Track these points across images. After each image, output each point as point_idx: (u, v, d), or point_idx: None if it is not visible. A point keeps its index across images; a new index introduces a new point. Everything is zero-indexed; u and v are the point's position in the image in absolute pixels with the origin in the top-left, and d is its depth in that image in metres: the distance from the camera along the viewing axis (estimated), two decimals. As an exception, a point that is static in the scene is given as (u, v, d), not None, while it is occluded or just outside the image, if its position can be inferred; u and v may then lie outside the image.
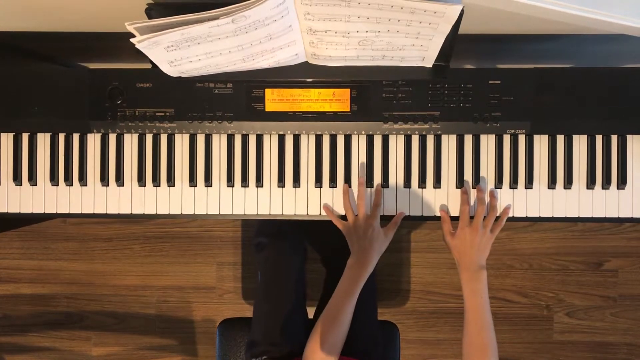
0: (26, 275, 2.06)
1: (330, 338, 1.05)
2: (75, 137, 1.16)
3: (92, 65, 1.45)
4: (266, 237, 1.35)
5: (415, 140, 1.15)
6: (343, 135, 1.15)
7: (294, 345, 1.23)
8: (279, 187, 1.15)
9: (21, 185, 1.17)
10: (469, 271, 1.06)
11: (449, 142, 1.15)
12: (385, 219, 1.15)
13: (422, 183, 1.14)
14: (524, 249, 2.00)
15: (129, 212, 1.16)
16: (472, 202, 1.14)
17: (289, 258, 1.33)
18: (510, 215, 1.14)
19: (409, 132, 1.14)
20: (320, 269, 1.50)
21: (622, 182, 1.14)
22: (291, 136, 1.15)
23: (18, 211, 1.17)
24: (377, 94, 1.11)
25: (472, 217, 1.11)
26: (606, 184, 1.14)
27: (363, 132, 1.14)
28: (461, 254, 1.08)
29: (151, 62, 1.01)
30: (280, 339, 1.23)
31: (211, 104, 1.12)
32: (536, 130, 1.13)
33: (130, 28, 0.89)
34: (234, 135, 1.15)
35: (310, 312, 1.36)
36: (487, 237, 1.09)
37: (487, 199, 1.12)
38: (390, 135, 1.15)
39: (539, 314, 2.02)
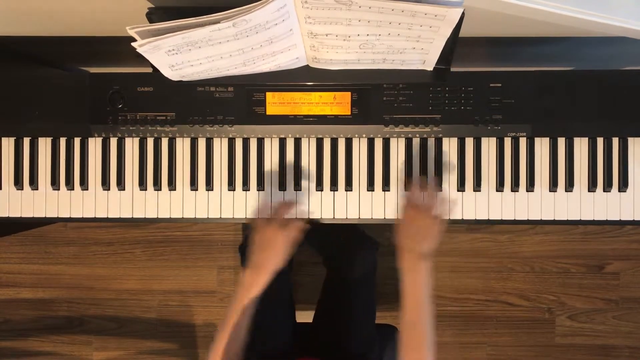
0: (27, 279, 2.06)
1: (226, 346, 1.00)
2: (77, 141, 1.16)
3: (93, 70, 1.45)
4: (246, 241, 1.36)
5: (416, 143, 1.15)
6: (344, 139, 1.15)
7: (280, 349, 1.24)
8: (280, 190, 1.15)
9: (22, 189, 1.17)
10: (409, 260, 0.97)
11: (450, 145, 1.15)
12: (382, 223, 1.15)
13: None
14: (525, 251, 2.00)
15: (130, 216, 1.16)
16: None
17: None
18: (512, 218, 1.14)
19: (410, 135, 1.14)
20: (321, 272, 1.49)
21: (623, 185, 1.14)
22: (292, 140, 1.15)
23: (19, 215, 1.17)
24: (378, 97, 1.11)
25: None
26: (607, 187, 1.14)
27: (364, 136, 1.14)
28: (404, 237, 0.99)
29: (152, 66, 1.01)
30: (263, 344, 1.24)
31: (212, 107, 1.12)
32: (537, 133, 1.13)
33: (131, 32, 0.89)
34: (235, 139, 1.15)
35: (310, 316, 1.36)
36: (432, 221, 1.00)
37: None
38: (391, 139, 1.15)
39: (540, 317, 2.01)
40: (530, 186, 1.14)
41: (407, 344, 0.94)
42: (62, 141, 1.17)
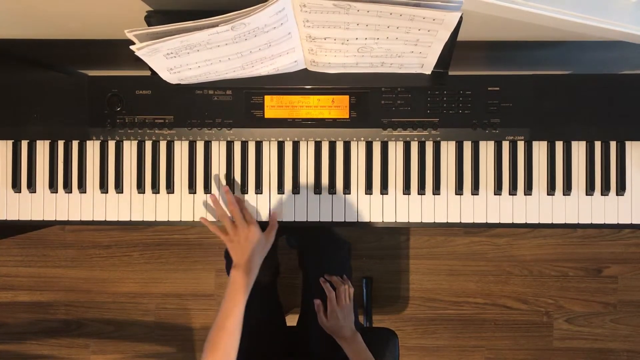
0: (24, 282, 2.05)
1: (221, 348, 1.01)
2: (75, 144, 1.16)
3: (92, 73, 1.45)
4: None
5: (414, 146, 1.15)
6: (342, 142, 1.15)
7: (266, 352, 1.24)
8: (278, 193, 1.15)
9: (20, 192, 1.17)
10: (348, 340, 1.20)
11: (448, 149, 1.15)
12: (387, 226, 1.15)
13: (421, 190, 1.14)
14: (523, 255, 2.00)
15: (128, 219, 1.16)
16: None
17: None
18: (510, 221, 1.14)
19: (408, 139, 1.14)
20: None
21: (621, 189, 1.14)
22: (290, 143, 1.15)
23: (17, 218, 1.17)
24: (376, 101, 1.11)
25: None
26: (605, 190, 1.14)
27: (362, 139, 1.14)
28: (338, 330, 1.22)
29: (150, 69, 1.02)
30: (250, 346, 1.24)
31: (210, 110, 1.12)
32: (535, 136, 1.13)
33: (129, 35, 0.90)
34: (233, 142, 1.15)
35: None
36: (349, 306, 1.25)
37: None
38: (389, 142, 1.15)
39: (538, 320, 2.01)
40: (529, 190, 1.14)
41: None
42: (60, 144, 1.16)
